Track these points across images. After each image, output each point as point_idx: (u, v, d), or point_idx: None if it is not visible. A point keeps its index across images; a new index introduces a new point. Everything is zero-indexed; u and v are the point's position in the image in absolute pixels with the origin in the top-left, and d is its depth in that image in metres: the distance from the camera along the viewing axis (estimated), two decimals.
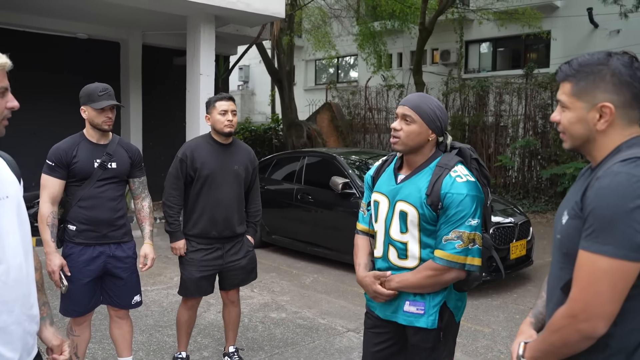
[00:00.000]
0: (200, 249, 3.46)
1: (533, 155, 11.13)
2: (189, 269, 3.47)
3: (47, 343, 1.81)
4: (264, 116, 20.85)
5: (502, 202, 6.54)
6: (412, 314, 2.18)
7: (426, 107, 2.14)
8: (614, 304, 1.28)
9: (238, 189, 3.53)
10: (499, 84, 11.66)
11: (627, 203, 1.24)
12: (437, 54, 16.26)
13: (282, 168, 7.75)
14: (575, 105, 1.44)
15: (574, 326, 1.32)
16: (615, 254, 1.25)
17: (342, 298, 5.49)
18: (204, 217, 3.44)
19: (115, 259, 3.12)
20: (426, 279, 2.12)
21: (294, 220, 7.16)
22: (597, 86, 1.39)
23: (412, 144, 2.15)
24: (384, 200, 2.25)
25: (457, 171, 2.12)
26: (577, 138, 1.46)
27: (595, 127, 1.41)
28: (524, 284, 6.00)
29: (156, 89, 10.58)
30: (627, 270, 1.25)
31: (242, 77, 23.36)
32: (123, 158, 3.16)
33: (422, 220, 2.11)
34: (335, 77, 20.36)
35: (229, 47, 11.44)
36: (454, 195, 2.06)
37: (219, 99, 3.45)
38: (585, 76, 1.41)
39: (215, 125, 3.45)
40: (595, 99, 1.40)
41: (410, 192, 2.15)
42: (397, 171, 2.29)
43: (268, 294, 5.58)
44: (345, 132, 14.30)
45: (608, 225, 1.26)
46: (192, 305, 3.62)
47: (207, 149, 3.47)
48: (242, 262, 3.58)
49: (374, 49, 14.89)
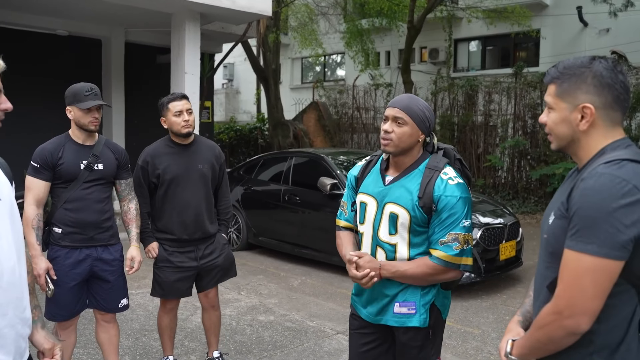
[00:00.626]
0: (174, 252, 3.47)
1: (522, 156, 11.25)
2: (165, 271, 3.48)
3: (39, 347, 1.83)
4: (249, 115, 20.86)
5: (491, 202, 6.63)
6: (404, 315, 2.23)
7: (416, 108, 2.20)
8: (597, 301, 1.35)
9: (205, 189, 3.51)
10: (488, 83, 11.78)
11: (610, 203, 1.31)
12: (425, 52, 16.35)
13: (269, 168, 7.77)
14: (559, 106, 1.52)
15: (559, 322, 1.40)
16: (598, 252, 1.32)
17: (330, 300, 5.55)
18: (173, 221, 3.44)
19: (102, 261, 3.15)
20: (425, 275, 2.17)
21: (281, 222, 7.19)
22: (579, 87, 1.48)
23: (403, 146, 2.21)
24: (372, 202, 2.29)
25: (447, 173, 2.19)
26: (562, 138, 1.54)
27: (577, 127, 1.49)
28: (513, 285, 6.10)
29: (139, 87, 10.54)
30: (610, 268, 1.33)
31: (227, 75, 23.31)
32: (110, 159, 3.18)
33: (413, 223, 2.17)
34: (322, 76, 20.40)
35: (214, 45, 11.43)
36: (448, 198, 2.13)
37: (172, 100, 3.41)
38: (568, 78, 1.50)
39: (172, 128, 3.40)
40: (577, 99, 1.48)
41: (400, 195, 2.20)
42: (383, 172, 2.34)
43: (255, 297, 5.61)
44: (333, 131, 14.35)
45: (592, 224, 1.33)
46: (171, 308, 3.62)
47: (167, 153, 3.44)
48: (218, 261, 3.58)
49: (362, 47, 14.97)
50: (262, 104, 17.98)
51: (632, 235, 1.31)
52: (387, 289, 2.26)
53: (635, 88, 9.81)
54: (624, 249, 1.32)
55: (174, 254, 3.47)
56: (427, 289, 2.24)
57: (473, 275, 5.49)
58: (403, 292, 2.24)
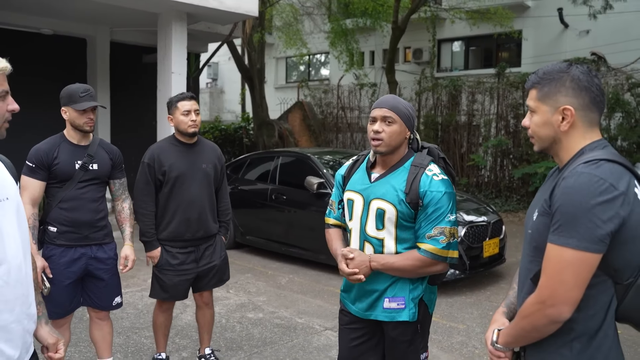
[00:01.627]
0: (175, 253, 3.50)
1: (505, 155, 11.41)
2: (168, 274, 3.51)
3: (43, 342, 1.89)
4: (234, 115, 20.84)
5: (475, 201, 6.76)
6: (393, 310, 2.31)
7: (402, 107, 2.32)
8: (577, 291, 1.46)
9: (208, 188, 3.57)
10: (471, 83, 11.92)
11: (589, 200, 1.43)
12: (409, 52, 16.48)
13: (255, 168, 7.83)
14: (540, 109, 1.63)
15: (542, 311, 1.51)
16: (578, 246, 1.44)
17: (318, 298, 5.63)
18: (176, 218, 3.48)
19: (97, 260, 3.20)
20: (414, 267, 2.26)
21: (268, 221, 7.25)
22: (559, 90, 1.59)
23: (394, 144, 2.31)
24: (358, 199, 2.38)
25: (432, 170, 2.29)
26: (544, 140, 1.65)
27: (559, 128, 1.60)
28: (497, 281, 6.24)
29: (125, 87, 10.52)
30: (589, 261, 1.44)
31: (211, 75, 23.29)
32: (104, 159, 3.24)
33: (400, 218, 2.26)
34: (306, 75, 20.45)
35: (199, 44, 11.44)
36: (434, 193, 2.22)
37: (181, 99, 3.46)
38: (548, 82, 1.61)
39: (179, 126, 3.46)
40: (558, 102, 1.59)
41: (387, 191, 2.30)
42: (369, 170, 2.43)
43: (244, 295, 5.68)
44: (318, 131, 14.41)
45: (572, 220, 1.44)
46: (167, 308, 3.69)
47: (173, 151, 3.50)
48: (217, 264, 3.64)
49: (346, 46, 15.04)
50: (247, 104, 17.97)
51: (609, 229, 1.42)
52: (375, 284, 2.34)
53: (613, 89, 10.03)
54: (601, 243, 1.43)
55: (176, 255, 3.50)
56: (416, 284, 2.32)
57: (457, 272, 5.61)
58: (392, 287, 2.32)
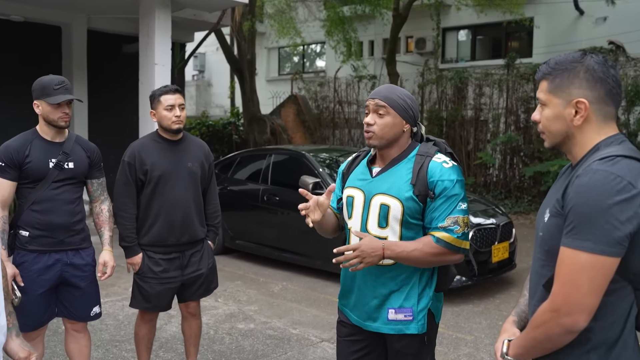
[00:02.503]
0: (159, 260, 3.47)
1: (515, 152, 11.44)
2: (150, 282, 3.48)
3: (13, 356, 1.87)
4: (223, 110, 20.83)
5: (482, 202, 6.77)
6: (400, 322, 2.28)
7: (396, 97, 2.29)
8: (593, 298, 1.46)
9: (195, 188, 3.55)
10: (478, 75, 11.94)
11: (605, 200, 1.42)
12: (411, 42, 16.52)
13: (246, 167, 7.82)
14: (552, 102, 1.63)
15: (556, 320, 1.50)
16: (593, 249, 1.43)
17: (314, 306, 5.63)
18: (159, 221, 3.44)
19: (73, 267, 3.18)
20: (429, 256, 2.21)
21: (260, 224, 7.24)
22: (572, 82, 1.59)
23: (388, 137, 2.29)
24: (359, 195, 2.36)
25: (440, 158, 2.27)
26: (556, 135, 1.65)
27: (572, 122, 1.60)
28: (507, 288, 6.25)
29: (104, 79, 10.49)
30: (606, 265, 1.44)
31: (197, 66, 23.27)
32: (81, 157, 3.22)
33: (406, 214, 2.23)
34: (300, 67, 20.45)
35: (185, 33, 11.42)
36: (445, 182, 2.20)
37: (165, 92, 3.43)
38: (560, 73, 1.61)
39: (162, 122, 3.44)
40: (571, 95, 1.59)
41: (391, 185, 2.27)
42: (370, 165, 2.42)
43: (234, 304, 5.68)
44: (313, 127, 14.42)
45: (587, 221, 1.44)
46: (150, 319, 3.67)
47: (156, 148, 3.46)
48: (204, 272, 3.61)
49: (344, 36, 15.04)
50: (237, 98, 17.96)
51: (628, 231, 1.42)
52: (379, 287, 2.30)
53: (633, 80, 10.05)
54: (619, 246, 1.42)
55: (159, 262, 3.47)
56: (423, 292, 2.29)
57: (464, 279, 5.61)
58: (397, 295, 2.28)
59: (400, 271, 2.29)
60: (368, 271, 2.32)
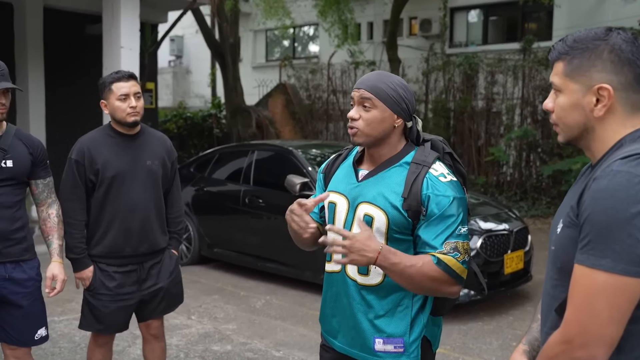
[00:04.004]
0: (113, 273, 3.39)
1: (532, 148, 11.43)
2: (102, 299, 3.39)
3: None
4: (203, 100, 20.75)
5: (494, 204, 6.70)
6: (389, 353, 2.19)
7: (386, 87, 2.16)
8: (614, 327, 1.34)
9: (154, 190, 3.46)
10: (490, 61, 11.94)
11: (627, 208, 1.31)
12: (415, 23, 16.43)
13: (226, 165, 7.80)
14: (569, 88, 1.51)
15: (569, 354, 1.39)
16: (613, 268, 1.32)
17: (300, 324, 5.56)
18: (114, 229, 3.37)
19: (13, 282, 3.07)
20: (428, 280, 2.07)
21: (241, 230, 7.20)
22: (593, 64, 1.47)
23: (375, 134, 2.17)
24: (342, 202, 2.27)
25: (437, 169, 2.16)
26: (572, 128, 1.54)
27: (592, 113, 1.48)
28: (521, 303, 6.17)
29: (64, 65, 10.36)
30: (628, 287, 1.32)
31: (175, 51, 23.14)
32: (22, 154, 3.12)
33: (391, 229, 2.14)
34: (291, 52, 20.39)
35: (157, 13, 11.33)
36: (439, 198, 2.09)
37: (117, 80, 3.33)
38: (580, 53, 1.49)
39: (114, 114, 3.35)
40: (591, 79, 1.47)
41: (378, 193, 2.17)
42: (357, 166, 2.32)
43: (209, 322, 5.60)
44: (304, 119, 14.40)
45: (605, 234, 1.32)
46: (104, 342, 3.57)
47: (109, 144, 3.38)
48: (164, 286, 3.53)
49: (339, 17, 14.94)
50: (219, 86, 17.88)
51: None
52: (360, 313, 2.22)
53: None
54: None
55: (113, 275, 3.39)
56: (416, 319, 2.20)
57: (473, 293, 5.53)
58: (384, 322, 2.19)
59: (388, 291, 2.19)
60: (350, 291, 2.23)
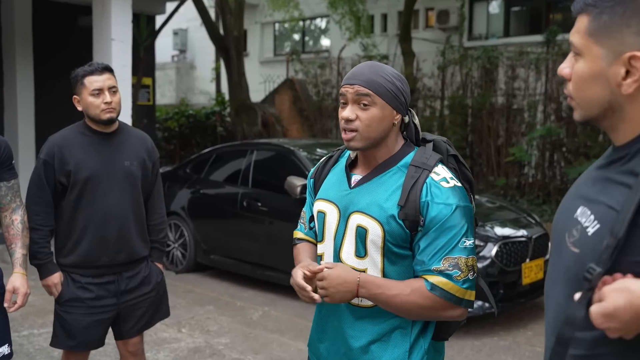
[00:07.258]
0: (86, 285, 3.29)
1: (556, 148, 11.31)
2: (74, 313, 3.29)
3: None
4: (208, 96, 20.75)
5: (512, 209, 6.62)
6: None
7: (383, 80, 2.01)
8: None
9: (133, 194, 3.37)
10: (511, 55, 11.83)
11: None
12: (432, 15, 16.43)
13: (223, 166, 7.79)
14: (591, 52, 1.31)
15: None
16: None
17: (299, 339, 5.46)
18: (88, 236, 3.27)
19: None
20: (417, 308, 1.98)
21: (238, 235, 7.15)
22: (627, 24, 1.25)
23: (374, 136, 2.04)
24: (332, 211, 2.16)
25: (439, 173, 2.03)
26: (592, 105, 1.33)
27: (619, 88, 1.27)
28: (541, 317, 6.02)
29: (54, 58, 10.33)
30: None
31: (178, 45, 23.24)
32: None
33: (387, 241, 2.01)
34: (301, 46, 20.37)
35: (154, 4, 11.33)
36: (440, 206, 1.96)
37: (89, 73, 3.22)
38: (611, 7, 1.28)
39: (88, 111, 3.24)
40: (622, 44, 1.26)
41: (371, 201, 2.05)
42: (349, 170, 2.20)
43: (201, 335, 5.53)
44: (312, 117, 14.39)
45: None
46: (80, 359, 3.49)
47: (82, 143, 3.28)
48: (145, 300, 3.45)
49: (350, 8, 14.94)
50: (223, 82, 17.83)
51: None
52: (351, 338, 2.11)
53: None
54: None
55: (87, 287, 3.28)
56: (415, 344, 2.07)
57: (487, 305, 5.39)
58: (379, 349, 2.07)
59: (383, 315, 2.06)
60: (341, 313, 2.13)
